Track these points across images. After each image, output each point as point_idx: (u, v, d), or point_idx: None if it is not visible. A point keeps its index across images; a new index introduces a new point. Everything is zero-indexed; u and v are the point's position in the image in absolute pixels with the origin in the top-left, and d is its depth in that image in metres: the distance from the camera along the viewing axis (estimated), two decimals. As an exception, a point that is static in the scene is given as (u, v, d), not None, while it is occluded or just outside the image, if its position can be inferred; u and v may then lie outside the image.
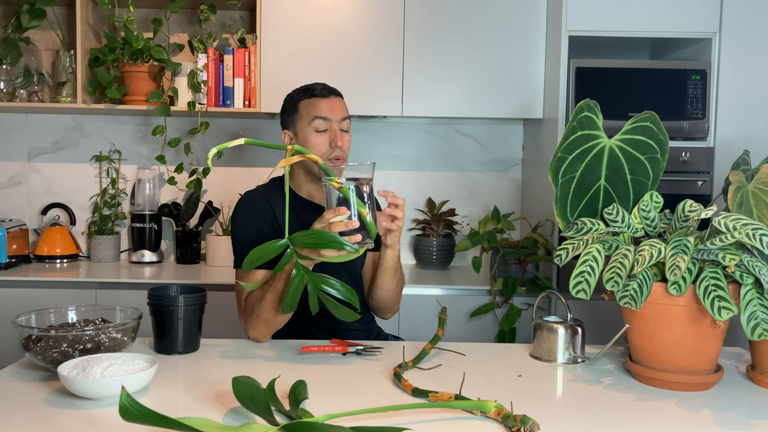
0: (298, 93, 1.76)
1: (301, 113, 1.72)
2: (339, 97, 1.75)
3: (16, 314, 1.39)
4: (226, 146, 1.27)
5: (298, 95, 1.75)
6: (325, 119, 1.69)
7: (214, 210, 2.93)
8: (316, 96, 1.71)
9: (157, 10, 2.90)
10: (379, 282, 1.71)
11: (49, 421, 1.09)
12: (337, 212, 1.34)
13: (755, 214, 1.32)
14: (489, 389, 1.27)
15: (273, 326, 1.56)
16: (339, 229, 1.34)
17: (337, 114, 1.70)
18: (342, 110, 1.72)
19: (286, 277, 1.46)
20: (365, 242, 1.36)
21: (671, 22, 2.48)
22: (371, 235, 1.37)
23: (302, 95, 1.74)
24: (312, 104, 1.71)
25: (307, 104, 1.71)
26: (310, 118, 1.69)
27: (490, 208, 3.01)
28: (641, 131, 1.43)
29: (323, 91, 1.73)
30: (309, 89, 1.74)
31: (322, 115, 1.69)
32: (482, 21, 2.66)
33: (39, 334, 1.30)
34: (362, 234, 1.35)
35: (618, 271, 1.29)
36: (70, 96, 2.77)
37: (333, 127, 1.69)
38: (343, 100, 1.76)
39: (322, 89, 1.73)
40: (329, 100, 1.71)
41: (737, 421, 1.14)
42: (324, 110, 1.69)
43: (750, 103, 2.46)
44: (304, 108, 1.72)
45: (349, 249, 1.31)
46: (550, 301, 2.43)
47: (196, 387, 1.26)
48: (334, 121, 1.69)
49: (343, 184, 1.34)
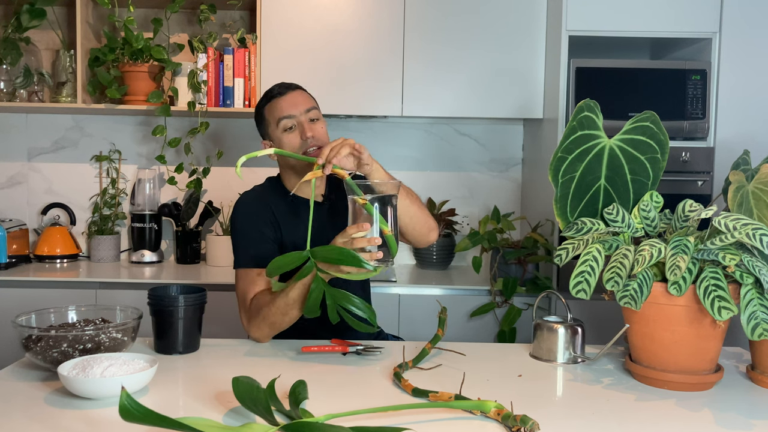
0: (261, 100, 1.76)
1: (267, 119, 1.73)
2: (297, 90, 1.73)
3: (16, 314, 1.39)
4: (254, 155, 1.34)
5: (261, 102, 1.75)
6: (289, 117, 1.68)
7: (214, 210, 2.93)
8: (275, 97, 1.71)
9: (157, 10, 2.90)
10: None
11: (49, 421, 1.09)
12: (360, 228, 1.36)
13: (755, 214, 1.32)
14: (489, 389, 1.27)
15: (278, 329, 1.56)
16: (361, 245, 1.35)
17: (299, 107, 1.69)
18: (303, 102, 1.70)
19: (300, 286, 1.48)
20: (386, 260, 1.37)
21: (671, 22, 2.48)
22: (392, 252, 1.38)
23: (264, 101, 1.74)
24: (273, 107, 1.71)
25: (270, 108, 1.72)
26: (276, 120, 1.69)
27: (490, 208, 3.01)
28: (641, 131, 1.43)
29: (280, 89, 1.72)
30: (268, 93, 1.74)
31: (284, 114, 1.68)
32: (482, 21, 2.66)
33: (39, 334, 1.30)
34: (383, 251, 1.37)
35: (618, 271, 1.29)
36: (70, 96, 2.77)
37: (300, 120, 1.68)
38: (303, 92, 1.74)
39: (279, 88, 1.73)
40: (287, 97, 1.70)
41: (737, 421, 1.14)
42: (285, 109, 1.69)
43: (750, 103, 2.46)
44: (269, 113, 1.72)
45: (369, 268, 1.33)
46: (550, 301, 2.43)
47: (196, 387, 1.26)
48: (298, 115, 1.68)
49: (367, 201, 1.36)
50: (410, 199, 1.66)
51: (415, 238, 1.74)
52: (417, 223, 1.68)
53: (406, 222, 1.66)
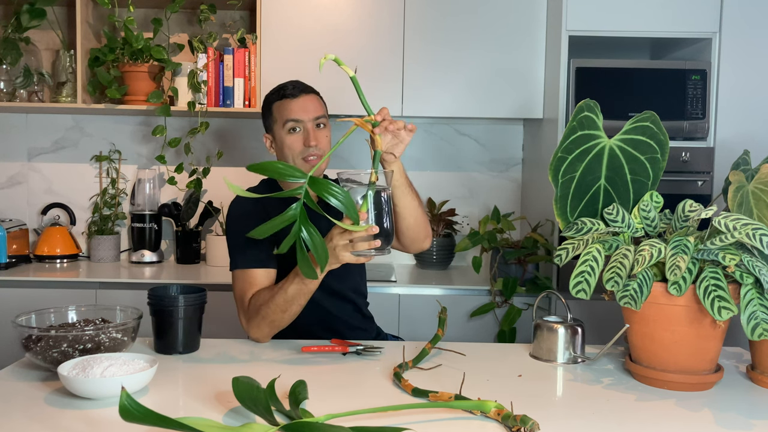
0: (272, 94, 1.73)
1: (275, 116, 1.70)
2: (311, 95, 1.71)
3: (16, 314, 1.39)
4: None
5: (272, 96, 1.72)
6: (296, 121, 1.66)
7: (214, 210, 2.93)
8: (287, 97, 1.68)
9: (157, 10, 2.90)
10: (400, 208, 1.59)
11: (49, 421, 1.09)
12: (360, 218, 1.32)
13: (755, 214, 1.32)
14: (489, 389, 1.27)
15: (278, 327, 1.56)
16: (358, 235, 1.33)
17: (309, 113, 1.67)
18: (314, 109, 1.68)
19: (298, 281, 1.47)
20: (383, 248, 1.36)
21: (671, 22, 2.48)
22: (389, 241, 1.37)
23: (274, 96, 1.71)
24: (283, 106, 1.68)
25: (279, 106, 1.69)
26: (283, 120, 1.67)
27: (490, 208, 3.01)
28: (641, 131, 1.43)
29: (294, 90, 1.69)
30: (281, 89, 1.70)
31: (292, 117, 1.66)
32: (482, 21, 2.66)
33: (39, 334, 1.30)
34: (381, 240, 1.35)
35: (618, 271, 1.28)
36: (70, 96, 2.77)
37: (306, 126, 1.67)
38: (316, 97, 1.72)
39: (293, 89, 1.69)
40: (300, 100, 1.68)
41: (737, 421, 1.14)
42: (294, 112, 1.66)
43: (750, 103, 2.46)
44: (277, 110, 1.70)
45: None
46: (550, 301, 2.43)
47: (196, 387, 1.26)
48: (306, 120, 1.67)
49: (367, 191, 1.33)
50: (417, 201, 1.63)
51: (412, 242, 1.70)
52: (418, 225, 1.66)
53: (409, 223, 1.63)
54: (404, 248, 1.73)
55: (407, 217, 1.61)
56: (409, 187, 1.59)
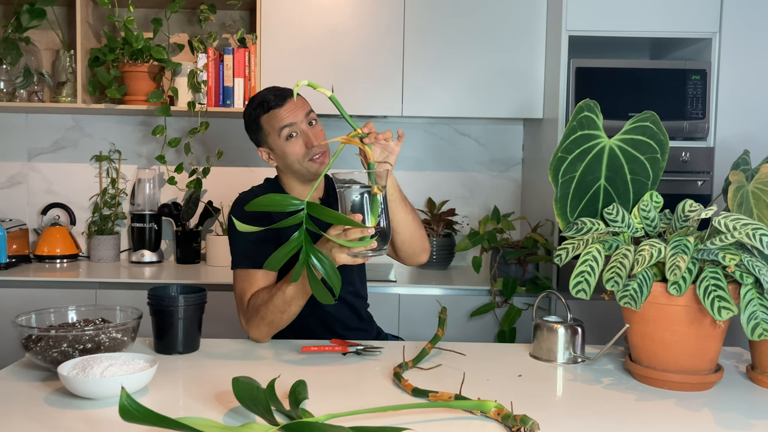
0: (254, 109, 1.71)
1: (266, 129, 1.69)
2: (292, 97, 1.69)
3: (16, 314, 1.39)
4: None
5: (256, 111, 1.70)
6: (290, 125, 1.66)
7: (214, 210, 2.93)
8: (273, 108, 1.67)
9: (157, 10, 2.90)
10: (395, 223, 1.61)
11: (49, 421, 1.09)
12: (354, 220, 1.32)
13: (755, 214, 1.32)
14: (489, 389, 1.27)
15: (277, 328, 1.56)
16: (355, 236, 1.33)
17: (299, 114, 1.67)
18: (302, 108, 1.68)
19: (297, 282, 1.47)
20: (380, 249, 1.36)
21: (671, 22, 2.48)
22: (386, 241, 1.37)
23: (260, 111, 1.69)
24: (273, 117, 1.67)
25: (269, 118, 1.68)
26: (277, 130, 1.66)
27: (490, 208, 3.01)
28: (641, 131, 1.43)
29: (277, 99, 1.68)
30: (263, 103, 1.69)
31: (285, 123, 1.65)
32: (482, 21, 2.66)
33: (39, 334, 1.30)
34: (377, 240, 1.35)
35: (618, 271, 1.28)
36: (70, 96, 2.77)
37: (302, 128, 1.66)
38: (298, 96, 1.69)
39: (275, 98, 1.68)
40: (287, 106, 1.67)
41: (737, 421, 1.14)
42: (285, 118, 1.66)
43: (750, 103, 2.46)
44: (267, 123, 1.68)
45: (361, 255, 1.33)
46: (550, 301, 2.43)
47: (196, 387, 1.26)
48: (299, 122, 1.66)
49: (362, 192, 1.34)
50: (412, 215, 1.66)
51: (408, 256, 1.73)
52: (414, 240, 1.69)
53: (404, 237, 1.66)
54: (401, 262, 1.77)
55: (402, 231, 1.64)
56: (403, 201, 1.61)
